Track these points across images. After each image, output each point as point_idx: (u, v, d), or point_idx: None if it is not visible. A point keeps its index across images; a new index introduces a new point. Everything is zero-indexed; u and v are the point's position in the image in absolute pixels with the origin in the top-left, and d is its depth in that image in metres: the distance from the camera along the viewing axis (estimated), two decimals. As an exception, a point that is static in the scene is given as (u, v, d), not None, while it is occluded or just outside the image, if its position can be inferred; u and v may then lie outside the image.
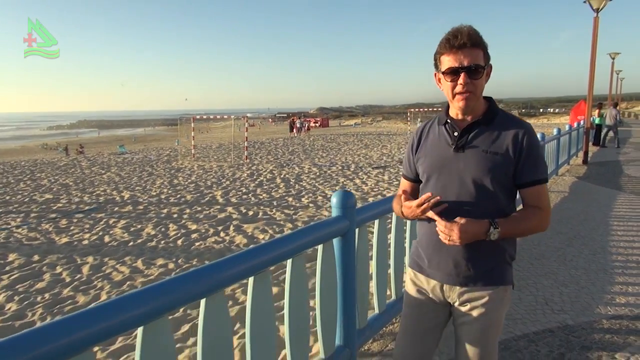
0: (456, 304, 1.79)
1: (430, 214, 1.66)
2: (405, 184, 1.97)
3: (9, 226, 9.27)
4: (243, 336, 3.63)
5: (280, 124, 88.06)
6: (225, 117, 26.19)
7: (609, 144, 18.40)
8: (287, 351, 2.28)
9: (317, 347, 2.61)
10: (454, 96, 1.68)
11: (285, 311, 2.26)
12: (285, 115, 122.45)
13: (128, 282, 6.05)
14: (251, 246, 2.15)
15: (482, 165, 1.67)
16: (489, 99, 1.77)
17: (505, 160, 1.67)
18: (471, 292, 1.74)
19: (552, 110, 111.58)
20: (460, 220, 1.60)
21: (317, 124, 65.64)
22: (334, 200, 2.63)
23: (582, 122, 15.40)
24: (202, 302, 1.77)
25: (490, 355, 1.79)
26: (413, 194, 1.92)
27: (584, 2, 12.46)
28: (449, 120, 1.77)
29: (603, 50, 27.85)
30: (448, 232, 1.60)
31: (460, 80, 1.64)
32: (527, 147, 1.67)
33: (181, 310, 4.83)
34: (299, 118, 47.57)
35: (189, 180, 14.62)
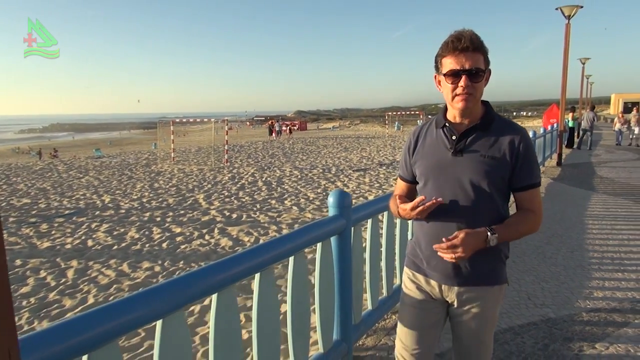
0: (454, 303, 1.82)
1: (441, 245, 1.65)
2: (401, 185, 1.99)
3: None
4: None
5: (258, 127, 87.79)
6: (206, 120, 26.01)
7: (582, 146, 18.97)
8: (289, 345, 2.37)
9: (315, 342, 2.71)
10: (453, 98, 1.71)
11: (288, 307, 2.35)
12: (263, 118, 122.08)
13: (115, 286, 6.04)
14: (255, 244, 2.23)
15: (480, 170, 1.70)
16: (485, 104, 1.80)
17: (502, 164, 1.70)
18: (469, 292, 1.78)
19: (525, 113, 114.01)
20: (460, 234, 1.62)
21: (296, 127, 65.78)
22: (331, 199, 2.73)
23: (555, 125, 15.85)
24: (214, 297, 1.85)
25: (487, 349, 1.87)
26: (410, 195, 1.95)
27: (556, 9, 12.87)
28: (447, 124, 1.78)
29: (574, 55, 28.80)
30: (453, 250, 1.61)
31: (462, 83, 1.66)
32: (524, 152, 1.71)
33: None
34: (277, 121, 47.56)
35: (170, 184, 14.54)
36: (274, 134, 41.39)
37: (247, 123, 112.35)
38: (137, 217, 9.96)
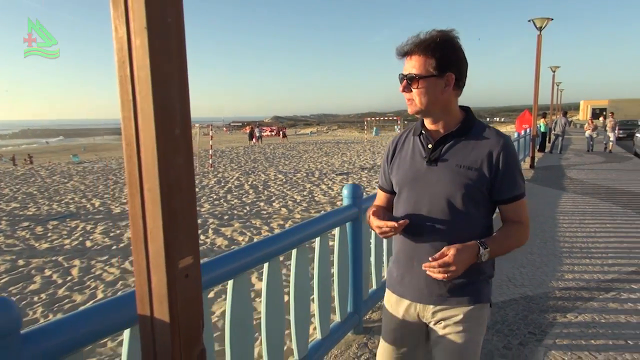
0: (431, 324, 1.70)
1: (433, 264, 1.51)
2: (381, 195, 1.90)
3: (-18, 234, 9.25)
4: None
5: (235, 132, 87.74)
6: (197, 125, 26.27)
7: (553, 150, 19.89)
8: (316, 313, 2.82)
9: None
10: None
11: (315, 280, 2.80)
12: (240, 124, 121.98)
13: (121, 282, 6.36)
14: (291, 227, 2.68)
15: (454, 181, 1.59)
16: (465, 109, 1.70)
17: (479, 176, 1.58)
18: (444, 310, 1.66)
19: (498, 119, 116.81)
20: (450, 250, 1.49)
21: (274, 133, 66.11)
22: (345, 192, 3.20)
23: (528, 130, 16.68)
24: (266, 265, 2.30)
25: None
26: (389, 205, 1.85)
27: (529, 21, 13.66)
28: (423, 132, 1.70)
29: (545, 64, 29.97)
30: (446, 269, 1.48)
31: (399, 88, 1.62)
32: (504, 162, 1.58)
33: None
34: (258, 127, 47.96)
35: (157, 188, 14.76)
36: (254, 139, 41.74)
37: (224, 129, 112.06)
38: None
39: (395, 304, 1.78)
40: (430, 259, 1.51)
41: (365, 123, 55.15)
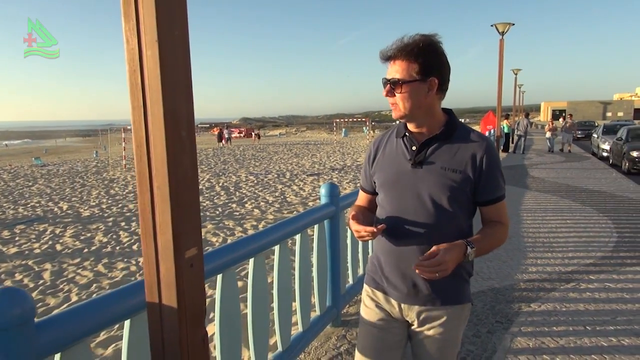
0: (414, 323, 1.73)
1: (425, 263, 1.49)
2: (362, 196, 1.92)
3: (-55, 240, 8.98)
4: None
5: (202, 134, 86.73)
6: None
7: (517, 150, 20.57)
8: (297, 306, 2.95)
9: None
10: None
11: (296, 277, 2.93)
12: (208, 125, 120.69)
13: (95, 285, 6.32)
14: (270, 225, 2.79)
15: (440, 183, 1.61)
16: (448, 112, 1.72)
17: (464, 178, 1.61)
18: (430, 311, 1.68)
19: (463, 120, 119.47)
20: (439, 249, 1.50)
21: (242, 135, 65.81)
22: (323, 190, 3.34)
23: (492, 131, 17.22)
24: (252, 260, 2.41)
25: None
26: (370, 206, 1.88)
27: (491, 25, 14.14)
28: (407, 134, 1.71)
29: (507, 66, 30.83)
30: (438, 268, 1.47)
31: (383, 93, 1.64)
32: (487, 164, 1.62)
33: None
34: (226, 128, 47.68)
35: (127, 190, 14.59)
36: (223, 141, 41.49)
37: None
38: (101, 223, 10.10)
39: (380, 300, 1.78)
40: (420, 258, 1.51)
41: (334, 124, 55.51)
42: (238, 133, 62.96)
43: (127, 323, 1.66)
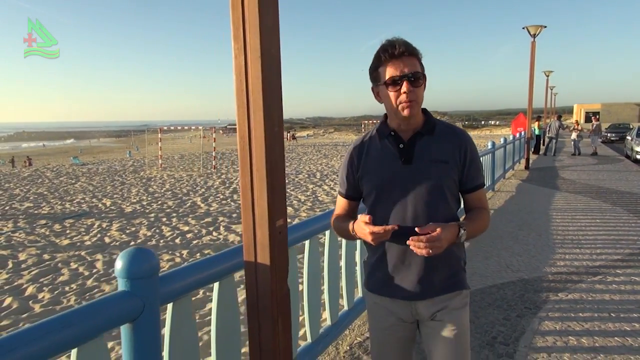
0: (425, 318, 1.76)
1: (415, 238, 1.53)
2: (342, 202, 1.89)
3: (2, 232, 9.67)
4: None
5: (231, 135, 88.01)
6: (194, 128, 26.70)
7: (548, 152, 20.43)
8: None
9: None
10: (397, 106, 1.65)
11: (343, 260, 3.26)
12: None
13: (144, 273, 6.79)
14: (320, 213, 3.12)
15: (432, 175, 1.67)
16: (424, 110, 1.76)
17: (452, 167, 1.68)
18: (436, 303, 1.73)
19: (493, 122, 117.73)
20: (434, 228, 1.54)
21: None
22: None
23: (522, 133, 17.21)
24: (306, 243, 2.76)
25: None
26: (351, 212, 1.87)
27: (523, 28, 14.20)
28: (392, 133, 1.73)
29: (538, 68, 30.50)
30: (432, 245, 1.51)
31: (404, 89, 1.61)
32: (470, 153, 1.72)
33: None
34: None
35: (164, 188, 15.21)
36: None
37: (221, 131, 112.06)
38: (143, 218, 10.66)
39: (387, 304, 1.79)
40: (417, 229, 1.54)
41: (362, 126, 55.71)
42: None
43: (215, 286, 2.03)
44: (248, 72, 1.58)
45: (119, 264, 1.60)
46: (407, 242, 1.54)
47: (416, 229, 1.56)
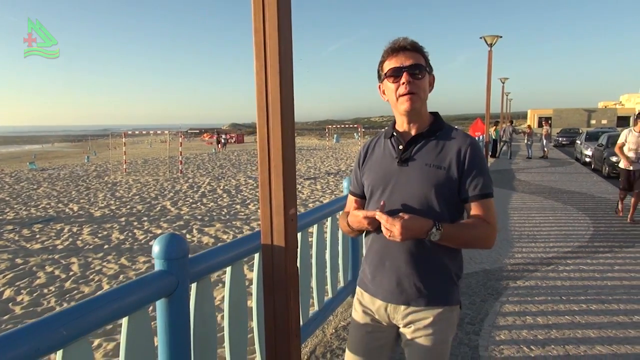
0: (401, 326, 1.72)
1: (378, 214, 1.56)
2: (352, 200, 1.93)
3: (-32, 237, 9.50)
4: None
5: (192, 139, 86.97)
6: (159, 132, 26.47)
7: (503, 156, 21.44)
8: (328, 279, 3.61)
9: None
10: (397, 99, 1.66)
11: (327, 253, 3.60)
12: (198, 131, 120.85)
13: (122, 275, 6.91)
14: (313, 207, 3.45)
15: (425, 180, 1.63)
16: (435, 114, 1.76)
17: (448, 174, 1.63)
18: (415, 312, 1.67)
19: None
20: (404, 215, 1.53)
21: (233, 140, 66.44)
22: (345, 183, 4.01)
23: (481, 137, 18.05)
24: (299, 235, 3.08)
25: None
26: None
27: (480, 38, 14.98)
28: (394, 134, 1.74)
29: (495, 74, 31.80)
30: (390, 227, 1.51)
31: (403, 79, 1.62)
32: (471, 160, 1.63)
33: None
34: (218, 134, 48.42)
35: (132, 193, 15.14)
36: (219, 146, 42.23)
37: (181, 136, 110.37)
38: (114, 222, 10.67)
39: (367, 303, 1.80)
40: (380, 212, 1.57)
41: (326, 130, 56.29)
42: (230, 138, 63.63)
43: (228, 269, 2.33)
44: (268, 86, 1.91)
45: (156, 248, 1.89)
46: (376, 214, 1.57)
47: (378, 211, 1.58)
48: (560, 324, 3.66)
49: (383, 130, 1.91)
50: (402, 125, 1.73)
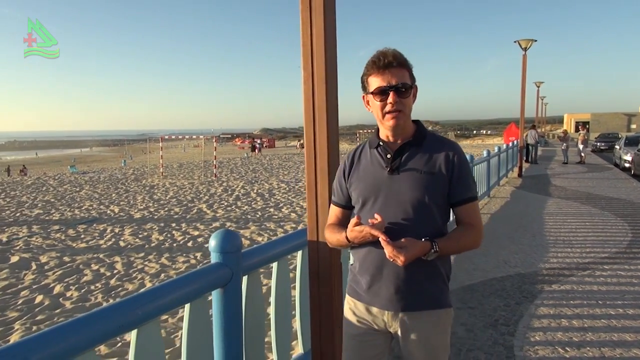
0: (398, 331, 1.74)
1: (383, 243, 1.56)
2: (335, 211, 1.92)
3: (19, 236, 10.03)
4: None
5: (224, 144, 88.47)
6: (195, 137, 27.16)
7: (540, 161, 21.06)
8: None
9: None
10: (383, 116, 1.69)
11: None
12: (230, 136, 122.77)
13: (163, 274, 7.20)
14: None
15: (418, 186, 1.67)
16: (416, 122, 1.80)
17: (439, 179, 1.68)
18: (413, 317, 1.71)
19: (484, 132, 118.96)
20: (405, 242, 1.57)
21: (265, 145, 67.39)
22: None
23: (515, 142, 17.81)
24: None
25: None
26: (344, 221, 1.86)
27: (515, 42, 14.84)
28: (381, 143, 1.77)
29: (529, 78, 31.27)
30: (394, 258, 1.54)
31: (390, 99, 1.64)
32: (459, 166, 1.70)
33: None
34: (252, 140, 49.35)
35: (169, 196, 15.61)
36: (255, 151, 43.06)
37: (214, 140, 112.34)
38: (153, 224, 11.06)
39: (362, 312, 1.79)
40: (384, 238, 1.55)
41: (357, 135, 56.36)
42: (263, 143, 64.72)
43: (299, 254, 2.50)
44: (315, 94, 2.07)
45: (213, 242, 2.07)
46: (380, 239, 1.57)
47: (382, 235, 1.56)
48: (596, 327, 3.68)
49: (366, 139, 1.96)
50: (386, 135, 1.77)
